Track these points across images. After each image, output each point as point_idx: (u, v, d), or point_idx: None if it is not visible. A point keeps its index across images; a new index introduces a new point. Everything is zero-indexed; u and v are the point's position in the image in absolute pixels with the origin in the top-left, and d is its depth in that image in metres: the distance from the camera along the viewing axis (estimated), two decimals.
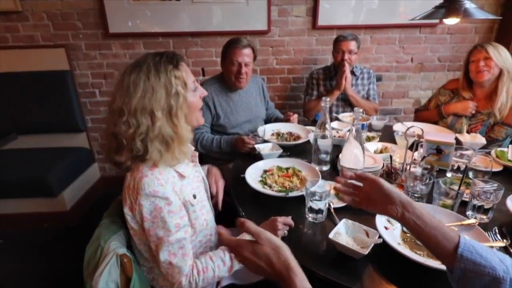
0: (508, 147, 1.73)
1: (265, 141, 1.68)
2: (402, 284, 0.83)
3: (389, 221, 1.02)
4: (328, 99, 1.35)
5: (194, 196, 1.01)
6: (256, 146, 1.58)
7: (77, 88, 2.59)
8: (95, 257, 0.96)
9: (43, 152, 2.53)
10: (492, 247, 0.88)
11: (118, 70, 2.56)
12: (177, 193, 0.93)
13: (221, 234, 0.69)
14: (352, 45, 2.11)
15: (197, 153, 1.16)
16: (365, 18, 2.47)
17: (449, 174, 1.35)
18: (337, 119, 2.03)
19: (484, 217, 1.06)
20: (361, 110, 1.20)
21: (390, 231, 0.97)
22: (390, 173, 1.27)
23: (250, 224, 0.66)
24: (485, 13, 1.21)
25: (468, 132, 1.76)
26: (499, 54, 1.71)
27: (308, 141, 1.70)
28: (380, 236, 0.92)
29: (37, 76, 2.46)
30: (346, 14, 2.45)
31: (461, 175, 1.32)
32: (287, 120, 1.98)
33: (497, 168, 1.40)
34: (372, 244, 0.89)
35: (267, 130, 1.80)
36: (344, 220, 1.00)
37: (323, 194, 1.06)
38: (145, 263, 1.05)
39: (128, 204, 0.93)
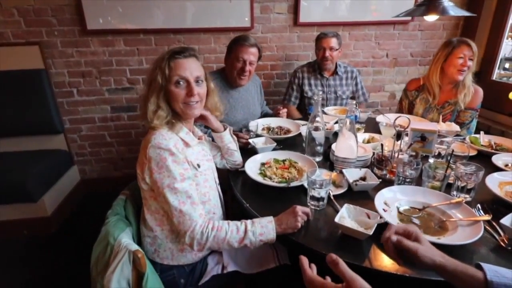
0: (474, 129, 1.91)
1: (257, 136, 1.71)
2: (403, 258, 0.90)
3: (386, 203, 1.10)
4: (320, 93, 1.41)
5: (198, 165, 1.11)
6: (250, 140, 1.62)
7: (53, 87, 2.47)
8: (104, 255, 0.95)
9: (20, 156, 2.39)
10: (478, 221, 0.98)
11: (97, 68, 2.47)
12: (179, 150, 1.02)
13: (304, 267, 0.69)
14: (333, 42, 2.19)
15: (205, 136, 1.33)
16: (344, 15, 2.57)
17: (431, 160, 1.46)
18: (323, 112, 2.11)
19: (467, 196, 1.17)
20: (354, 102, 1.27)
21: (388, 212, 1.05)
22: (381, 161, 1.36)
23: (345, 267, 0.64)
24: (460, 11, 1.33)
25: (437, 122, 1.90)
26: (477, 53, 1.85)
27: (299, 134, 1.76)
28: (381, 217, 0.99)
29: (9, 75, 2.32)
30: (325, 12, 2.53)
31: (442, 160, 1.45)
32: (276, 115, 2.02)
33: (473, 153, 1.54)
34: (376, 225, 0.96)
35: (259, 125, 1.83)
36: (346, 205, 1.06)
37: (323, 182, 1.12)
38: (149, 234, 1.10)
39: (141, 163, 1.03)
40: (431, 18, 1.41)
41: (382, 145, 1.33)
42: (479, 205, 1.11)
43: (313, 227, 1.07)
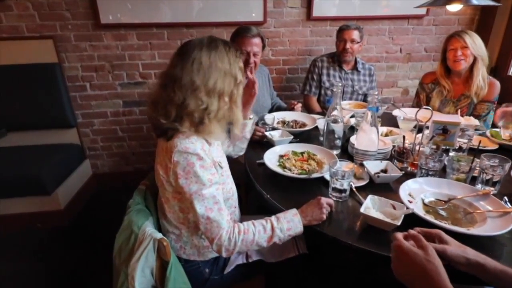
0: (491, 122, 1.88)
1: (273, 129, 1.70)
2: None
3: (410, 195, 1.08)
4: (340, 84, 1.40)
5: (220, 164, 1.06)
6: (267, 133, 1.60)
7: (66, 81, 2.48)
8: (128, 244, 0.95)
9: (33, 149, 2.41)
10: (508, 212, 0.96)
11: (110, 62, 2.48)
12: (206, 152, 0.96)
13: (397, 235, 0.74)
14: (355, 34, 2.17)
15: None
16: (357, 9, 2.54)
17: (451, 153, 1.43)
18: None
19: (493, 189, 1.14)
20: (376, 92, 1.25)
21: (414, 204, 1.03)
22: (402, 153, 1.34)
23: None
24: (484, 0, 1.30)
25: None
26: (474, 43, 1.83)
27: (314, 128, 1.74)
28: (408, 208, 0.97)
29: (23, 69, 2.33)
30: (338, 6, 2.50)
31: (463, 154, 1.42)
32: (291, 109, 2.01)
33: (494, 147, 1.51)
34: (403, 215, 0.94)
35: (275, 118, 1.82)
36: (370, 196, 1.05)
37: (346, 173, 1.10)
38: (174, 231, 1.08)
39: (164, 166, 0.96)
40: (454, 8, 1.38)
41: (404, 137, 1.31)
42: (505, 198, 1.09)
43: (337, 218, 1.05)
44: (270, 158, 1.35)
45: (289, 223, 0.98)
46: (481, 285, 0.80)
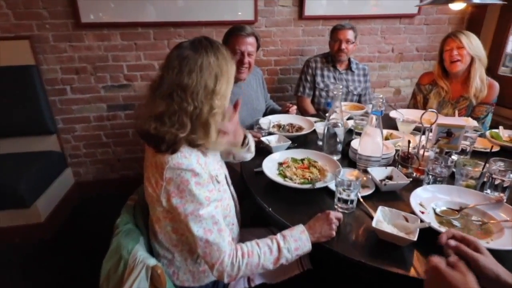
0: (489, 124, 1.86)
1: (270, 133, 1.62)
2: None
3: (421, 204, 1.02)
4: (340, 87, 1.33)
5: (217, 177, 0.97)
6: (264, 139, 1.52)
7: (44, 85, 2.31)
8: (117, 271, 0.84)
9: (10, 158, 2.23)
10: None
11: (92, 64, 2.33)
12: (202, 166, 0.87)
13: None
14: (350, 34, 2.12)
15: None
16: (349, 8, 2.49)
17: (454, 157, 1.39)
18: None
19: (503, 194, 1.10)
20: (380, 95, 1.18)
21: (426, 214, 0.97)
22: (406, 158, 1.28)
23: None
24: None
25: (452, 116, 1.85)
26: (470, 43, 1.80)
27: (313, 131, 1.67)
28: (422, 221, 0.91)
29: None
30: (330, 5, 2.44)
31: (466, 157, 1.38)
32: (285, 111, 1.93)
33: (495, 149, 1.48)
34: (418, 229, 0.87)
35: (271, 122, 1.73)
36: (380, 207, 0.98)
37: (353, 183, 1.03)
38: (166, 254, 0.98)
39: (153, 182, 0.86)
40: (457, 6, 1.33)
41: (409, 141, 1.26)
42: (505, 198, 1.04)
43: (344, 231, 0.98)
44: (270, 167, 1.27)
45: (296, 241, 0.90)
46: None
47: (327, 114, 1.90)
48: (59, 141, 2.48)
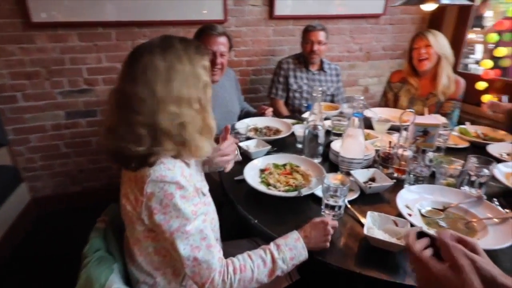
0: (456, 119, 1.95)
1: (248, 138, 1.56)
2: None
3: (408, 206, 1.01)
4: (319, 89, 1.30)
5: (202, 189, 0.92)
6: (242, 144, 1.45)
7: None
8: None
9: None
10: (507, 218, 0.93)
11: (46, 68, 2.11)
12: (187, 178, 0.79)
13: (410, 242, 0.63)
14: (321, 35, 2.11)
15: None
16: (318, 8, 2.49)
17: (429, 154, 1.42)
18: (307, 109, 2.01)
19: (480, 191, 1.13)
20: (361, 97, 1.17)
21: (413, 217, 0.96)
22: (387, 159, 1.28)
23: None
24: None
25: (422, 114, 1.91)
26: (437, 42, 1.87)
27: (291, 134, 1.63)
28: (412, 224, 0.90)
29: None
30: (301, 5, 2.43)
31: (440, 154, 1.42)
32: (261, 114, 1.88)
33: (464, 144, 1.54)
34: None
35: (248, 126, 1.67)
36: (369, 213, 0.96)
37: (339, 189, 1.00)
38: (147, 279, 0.88)
39: (132, 199, 0.78)
40: (429, 7, 1.36)
41: (390, 142, 1.26)
42: (496, 201, 1.07)
43: (335, 240, 0.94)
44: (251, 174, 1.21)
45: (291, 250, 0.85)
46: None
47: (305, 116, 1.90)
48: (10, 154, 2.23)
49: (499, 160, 1.33)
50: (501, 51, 2.32)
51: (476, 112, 2.44)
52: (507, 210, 1.00)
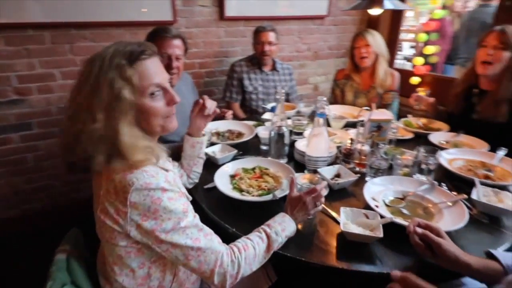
0: (396, 110, 2.18)
1: (212, 144, 1.52)
2: (411, 248, 0.87)
3: (374, 198, 1.08)
4: (283, 90, 1.32)
5: (186, 194, 0.93)
6: (207, 150, 1.41)
7: None
8: None
9: None
10: (456, 201, 1.05)
11: None
12: (171, 183, 0.79)
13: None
14: (272, 36, 2.14)
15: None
16: (268, 10, 2.53)
17: (381, 146, 1.54)
18: (267, 110, 2.04)
19: (430, 178, 1.26)
20: (324, 98, 1.22)
21: (380, 208, 1.04)
22: (348, 155, 1.36)
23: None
24: (400, 4, 1.42)
25: (368, 106, 2.08)
26: (375, 41, 2.06)
27: (254, 136, 1.64)
28: (381, 216, 0.97)
29: None
30: (251, 6, 2.44)
31: (391, 146, 1.54)
32: (220, 117, 1.85)
33: (409, 136, 1.70)
34: (381, 225, 0.92)
35: (211, 132, 1.63)
36: (342, 209, 1.01)
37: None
38: None
39: (113, 212, 0.74)
40: (375, 11, 1.47)
41: (352, 139, 1.33)
42: (444, 185, 1.21)
43: (312, 238, 0.97)
44: (223, 182, 1.18)
45: (281, 224, 0.90)
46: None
47: (265, 117, 1.92)
48: None
49: (440, 148, 1.49)
50: (430, 49, 2.61)
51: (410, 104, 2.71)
52: (454, 193, 1.13)
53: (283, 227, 0.90)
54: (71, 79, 2.05)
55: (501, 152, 1.33)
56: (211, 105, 1.19)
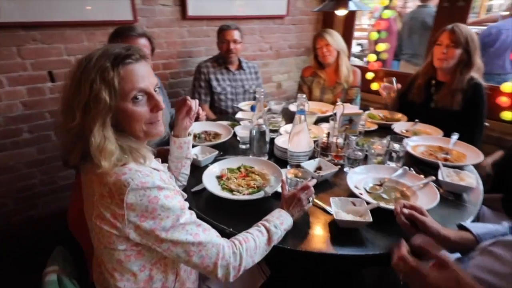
0: (359, 103, 2.33)
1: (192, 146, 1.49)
2: (396, 228, 0.97)
3: (357, 187, 1.17)
4: (262, 90, 1.35)
5: (181, 193, 0.93)
6: None
7: None
8: None
9: None
10: (427, 183, 1.17)
11: None
12: (166, 181, 0.80)
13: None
14: (236, 34, 2.15)
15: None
16: (230, 9, 2.53)
17: (352, 138, 1.64)
18: (239, 109, 2.06)
19: (399, 164, 1.38)
20: (304, 95, 1.27)
21: (363, 195, 1.12)
22: (326, 148, 1.43)
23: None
24: (363, 6, 1.52)
25: (334, 101, 2.21)
26: (334, 40, 2.20)
27: (233, 136, 1.64)
28: (367, 202, 1.04)
29: None
30: (213, 5, 2.42)
31: (361, 137, 1.66)
32: (196, 118, 1.81)
33: (374, 127, 1.84)
34: (368, 210, 1.00)
35: None
36: (331, 199, 1.07)
37: (300, 182, 1.08)
38: None
39: (109, 217, 0.74)
40: (341, 12, 1.56)
41: (328, 133, 1.41)
42: (411, 169, 1.33)
43: (306, 230, 1.02)
44: (211, 184, 1.18)
45: (278, 218, 0.94)
46: None
47: (239, 116, 1.93)
48: None
49: (403, 137, 1.64)
50: (381, 47, 2.83)
51: (369, 98, 2.93)
52: (422, 175, 1.26)
53: (281, 220, 0.94)
54: (20, 85, 1.86)
55: (455, 137, 1.51)
56: (195, 105, 1.20)
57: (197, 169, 1.32)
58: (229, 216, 1.07)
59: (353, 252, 0.92)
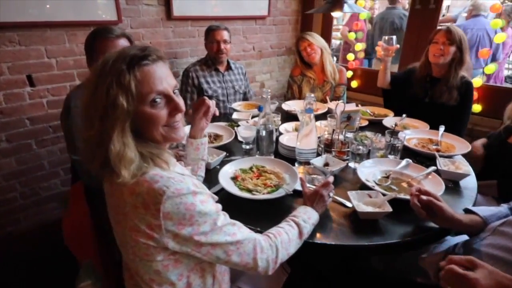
0: (345, 100, 2.42)
1: None
2: (410, 216, 1.04)
3: (368, 180, 1.23)
4: (269, 90, 1.37)
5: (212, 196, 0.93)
6: None
7: None
8: None
9: None
10: (430, 173, 1.27)
11: None
12: (198, 186, 0.79)
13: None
14: (226, 34, 2.14)
15: None
16: (213, 10, 2.52)
17: (349, 134, 1.72)
18: (234, 110, 2.05)
19: (397, 156, 1.47)
20: (312, 95, 1.31)
21: (375, 187, 1.18)
22: (330, 145, 1.48)
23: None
24: (358, 8, 1.60)
25: (323, 99, 2.29)
26: (315, 39, 2.30)
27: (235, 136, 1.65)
28: (383, 194, 1.11)
29: None
30: (197, 5, 2.39)
31: (357, 133, 1.74)
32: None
33: (365, 123, 1.94)
34: (386, 201, 1.06)
35: None
36: (349, 192, 1.12)
37: (318, 178, 1.12)
38: None
39: (145, 228, 0.72)
40: (336, 14, 1.62)
41: (333, 130, 1.46)
42: (410, 161, 1.43)
43: (328, 224, 1.06)
44: (229, 185, 1.18)
45: (306, 214, 0.97)
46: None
47: (235, 117, 1.93)
48: None
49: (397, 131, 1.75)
50: (358, 46, 2.97)
51: (351, 96, 3.05)
52: (420, 166, 1.36)
53: (308, 216, 0.97)
54: None
55: (442, 129, 1.64)
56: (213, 105, 1.19)
57: (206, 172, 1.31)
58: (251, 216, 1.07)
59: (377, 242, 0.97)
